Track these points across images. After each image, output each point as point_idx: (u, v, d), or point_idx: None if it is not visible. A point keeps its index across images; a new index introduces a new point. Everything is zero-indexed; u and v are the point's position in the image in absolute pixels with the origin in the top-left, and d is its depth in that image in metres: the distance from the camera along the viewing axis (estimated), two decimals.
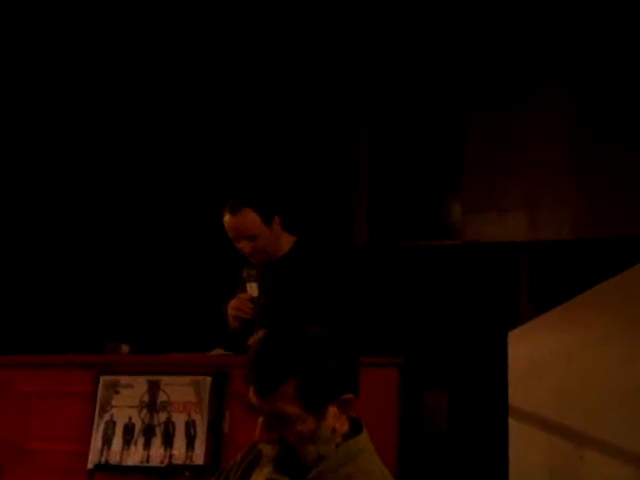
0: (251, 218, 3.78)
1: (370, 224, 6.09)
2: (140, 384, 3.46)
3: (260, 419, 2.11)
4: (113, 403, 3.47)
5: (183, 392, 3.42)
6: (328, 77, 5.78)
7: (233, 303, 3.82)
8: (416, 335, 5.47)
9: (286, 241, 3.93)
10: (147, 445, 3.41)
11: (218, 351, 3.72)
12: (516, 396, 4.16)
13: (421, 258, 5.91)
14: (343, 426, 2.13)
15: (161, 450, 3.39)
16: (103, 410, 3.46)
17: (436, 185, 6.03)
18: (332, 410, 2.10)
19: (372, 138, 6.10)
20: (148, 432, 3.42)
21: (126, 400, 3.46)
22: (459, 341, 5.58)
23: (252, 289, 3.78)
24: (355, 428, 2.18)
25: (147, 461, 3.39)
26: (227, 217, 3.79)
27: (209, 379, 3.41)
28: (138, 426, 3.43)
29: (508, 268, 5.78)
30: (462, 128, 5.96)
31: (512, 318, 5.26)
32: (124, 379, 3.48)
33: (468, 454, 5.31)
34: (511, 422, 4.14)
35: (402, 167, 6.06)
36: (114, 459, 3.41)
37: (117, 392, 3.47)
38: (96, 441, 3.44)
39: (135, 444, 3.42)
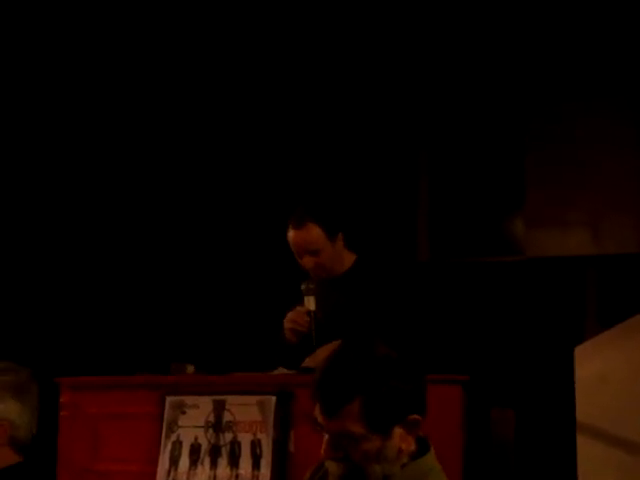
0: (315, 233, 3.81)
1: (432, 240, 6.06)
2: (206, 404, 3.48)
3: (326, 436, 2.11)
4: (179, 423, 3.48)
5: (248, 412, 3.42)
6: (389, 92, 5.78)
7: (289, 316, 3.84)
8: (481, 352, 5.42)
9: (347, 258, 3.95)
10: (213, 465, 3.41)
11: (281, 370, 3.72)
12: (584, 413, 4.09)
13: (484, 274, 5.86)
14: (410, 446, 2.12)
15: (227, 470, 3.40)
16: (170, 430, 3.48)
17: (498, 200, 5.98)
18: (398, 431, 2.09)
19: (433, 153, 6.07)
20: (214, 452, 3.43)
21: (192, 420, 3.47)
22: (525, 358, 5.52)
23: (309, 302, 3.79)
24: (422, 448, 2.16)
25: None
26: (291, 231, 3.83)
27: (274, 398, 3.41)
28: (204, 446, 3.44)
29: (573, 283, 5.70)
30: (523, 142, 5.91)
31: (578, 334, 5.19)
32: (190, 399, 3.50)
33: (536, 472, 5.24)
34: (579, 439, 4.07)
35: (463, 182, 6.02)
36: (181, 479, 3.43)
37: (183, 412, 3.49)
38: (163, 462, 3.46)
39: (202, 464, 3.43)
